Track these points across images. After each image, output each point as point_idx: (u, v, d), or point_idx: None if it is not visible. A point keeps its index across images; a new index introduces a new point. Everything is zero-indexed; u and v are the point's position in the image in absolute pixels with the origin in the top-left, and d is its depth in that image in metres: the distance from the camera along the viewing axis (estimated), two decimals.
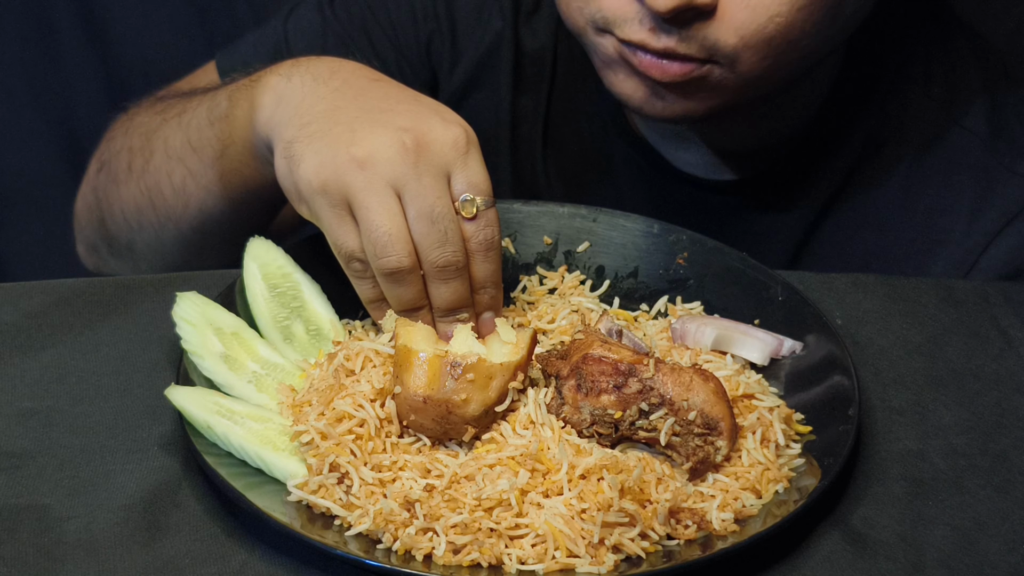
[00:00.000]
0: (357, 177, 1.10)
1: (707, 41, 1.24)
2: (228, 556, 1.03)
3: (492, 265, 1.15)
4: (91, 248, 1.56)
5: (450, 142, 1.12)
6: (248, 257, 1.21)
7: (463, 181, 1.12)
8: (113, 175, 1.45)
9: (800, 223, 1.46)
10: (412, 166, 1.11)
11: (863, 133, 1.44)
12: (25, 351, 1.21)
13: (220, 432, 1.07)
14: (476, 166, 1.13)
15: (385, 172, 1.10)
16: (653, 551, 1.03)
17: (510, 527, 1.02)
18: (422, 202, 1.11)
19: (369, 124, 1.13)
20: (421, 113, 1.14)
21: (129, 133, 1.46)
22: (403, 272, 1.12)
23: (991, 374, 1.23)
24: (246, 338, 1.17)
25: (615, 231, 1.31)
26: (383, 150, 1.11)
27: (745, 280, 1.27)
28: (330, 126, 1.13)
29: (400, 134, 1.11)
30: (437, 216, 1.11)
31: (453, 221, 1.12)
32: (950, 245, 1.42)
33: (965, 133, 1.42)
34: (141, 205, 1.41)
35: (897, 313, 1.30)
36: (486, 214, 1.13)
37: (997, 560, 1.05)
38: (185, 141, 1.35)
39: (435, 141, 1.12)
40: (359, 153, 1.11)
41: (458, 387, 1.06)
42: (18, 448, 1.11)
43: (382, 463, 1.06)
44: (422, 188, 1.11)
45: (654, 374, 1.08)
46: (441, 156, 1.12)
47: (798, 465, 1.10)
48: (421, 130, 1.12)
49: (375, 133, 1.12)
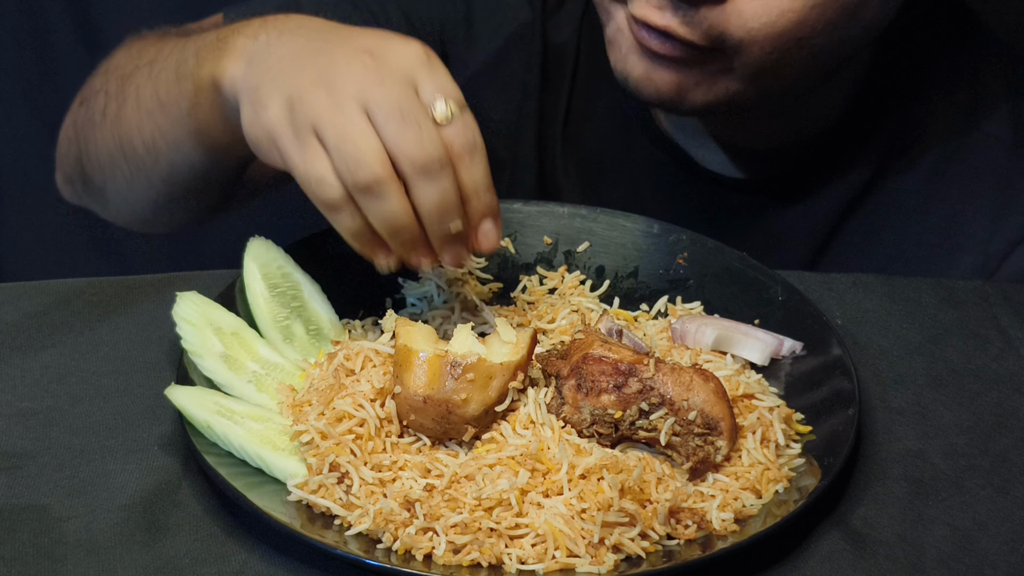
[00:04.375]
0: (321, 100, 1.07)
1: (713, 31, 1.23)
2: (228, 556, 1.03)
3: (480, 168, 1.09)
4: (68, 180, 1.53)
5: (412, 54, 1.09)
6: (248, 257, 1.21)
7: (431, 87, 1.08)
8: (90, 116, 1.42)
9: (821, 224, 1.46)
10: (374, 78, 1.07)
11: (887, 136, 1.44)
12: (25, 351, 1.21)
13: (220, 432, 1.07)
14: (443, 75, 1.09)
15: (348, 90, 1.07)
16: (653, 551, 1.03)
17: (510, 527, 1.02)
18: (389, 103, 1.06)
19: (327, 53, 1.10)
20: (380, 35, 1.12)
21: (108, 74, 1.42)
22: (381, 183, 1.06)
23: (991, 374, 1.23)
24: (246, 338, 1.17)
25: (615, 231, 1.31)
26: (344, 71, 1.08)
27: (745, 280, 1.27)
28: (291, 64, 1.11)
29: (359, 54, 1.09)
30: (407, 113, 1.06)
31: (426, 117, 1.07)
32: (971, 251, 1.42)
33: (988, 139, 1.42)
34: (113, 152, 1.38)
35: (897, 313, 1.30)
36: (463, 117, 1.08)
37: (997, 560, 1.05)
38: (154, 94, 1.30)
39: (396, 53, 1.09)
40: (320, 79, 1.08)
41: (458, 387, 1.06)
42: (18, 448, 1.11)
43: (382, 463, 1.06)
44: (387, 92, 1.07)
45: (654, 374, 1.08)
46: (404, 66, 1.08)
47: (798, 465, 1.10)
48: (380, 47, 1.09)
49: (335, 58, 1.09)
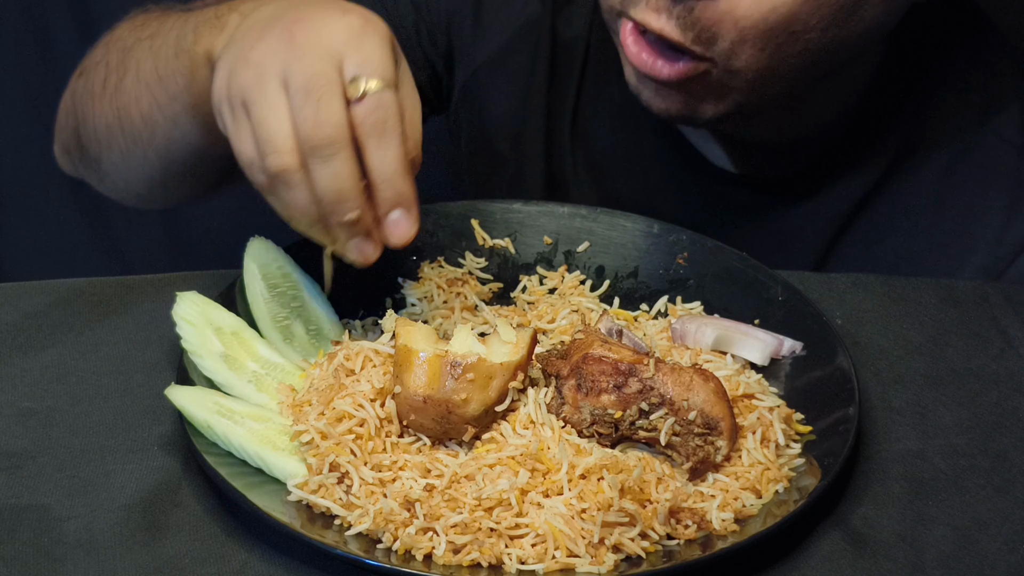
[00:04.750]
0: (248, 76, 1.06)
1: (706, 31, 1.23)
2: (228, 556, 1.03)
3: (391, 152, 1.05)
4: (65, 151, 1.51)
5: (342, 27, 1.05)
6: (248, 257, 1.21)
7: (353, 63, 1.04)
8: (89, 87, 1.41)
9: (831, 223, 1.46)
10: (295, 53, 1.04)
11: (898, 136, 1.44)
12: (25, 351, 1.21)
13: (220, 432, 1.07)
14: (372, 48, 1.05)
15: (270, 65, 1.05)
16: (653, 551, 1.03)
17: (510, 527, 1.02)
18: (299, 77, 1.03)
19: (268, 28, 1.08)
20: (323, 7, 1.08)
21: (110, 46, 1.41)
22: (288, 172, 1.03)
23: (991, 374, 1.23)
24: (246, 338, 1.17)
25: (615, 231, 1.31)
26: (270, 46, 1.06)
27: (745, 280, 1.27)
28: (244, 36, 1.10)
29: (290, 26, 1.06)
30: (312, 88, 1.03)
31: (333, 95, 1.03)
32: (980, 252, 1.41)
33: (1000, 142, 1.42)
34: (111, 125, 1.37)
35: (897, 313, 1.30)
36: (379, 95, 1.04)
37: (997, 560, 1.05)
38: (153, 68, 1.29)
39: (325, 27, 1.05)
40: (251, 53, 1.07)
41: (458, 387, 1.06)
42: (18, 448, 1.11)
43: (382, 463, 1.06)
44: (301, 67, 1.04)
45: (654, 374, 1.08)
46: (330, 40, 1.05)
47: (798, 465, 1.10)
48: (313, 20, 1.06)
49: (270, 33, 1.07)
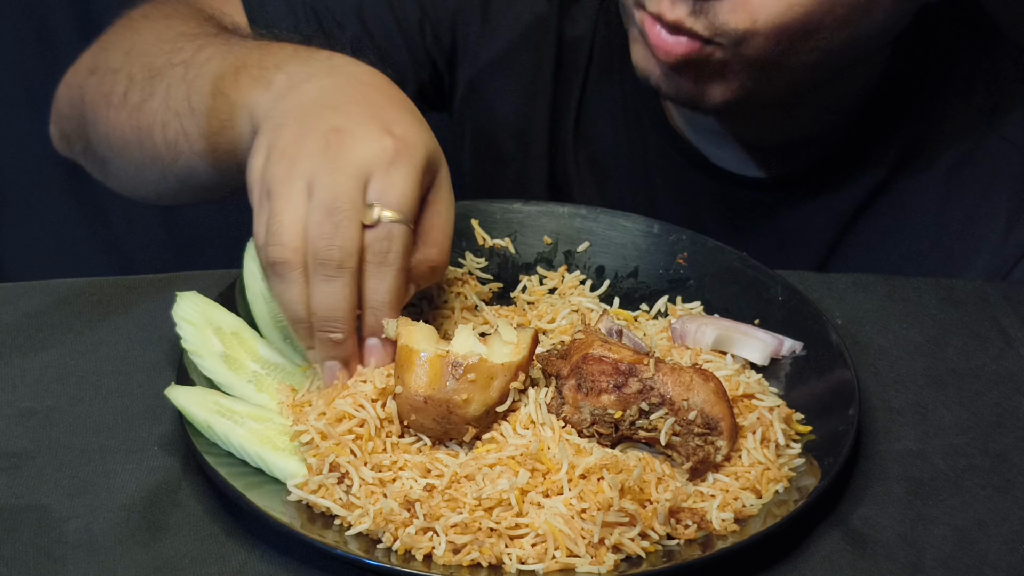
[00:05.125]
0: (280, 169, 1.09)
1: (717, 20, 1.24)
2: (228, 556, 1.03)
3: (385, 284, 1.09)
4: (64, 137, 1.50)
5: (378, 148, 1.08)
6: (248, 257, 1.21)
7: (376, 189, 1.08)
8: (105, 93, 1.39)
9: (834, 224, 1.46)
10: (329, 163, 1.08)
11: (902, 138, 1.44)
12: (25, 351, 1.21)
13: (220, 432, 1.07)
14: (398, 179, 1.08)
15: (303, 166, 1.08)
16: (653, 551, 1.03)
17: (510, 527, 1.02)
18: (325, 193, 1.07)
19: (310, 121, 1.11)
20: (366, 118, 1.11)
21: (131, 56, 1.38)
22: (285, 266, 1.07)
23: (991, 374, 1.23)
24: (246, 338, 1.17)
25: (615, 231, 1.31)
26: (308, 147, 1.09)
27: (745, 280, 1.27)
28: (284, 122, 1.12)
29: (329, 134, 1.09)
30: (333, 209, 1.06)
31: (351, 221, 1.07)
32: (984, 254, 1.42)
33: (1005, 143, 1.42)
34: (128, 139, 1.36)
35: (897, 313, 1.30)
36: (389, 227, 1.07)
37: (997, 560, 1.05)
38: (185, 98, 1.29)
39: (361, 145, 1.08)
40: (288, 148, 1.09)
41: (459, 387, 1.06)
42: (18, 448, 1.11)
43: (382, 463, 1.06)
44: (330, 182, 1.07)
45: (654, 374, 1.08)
46: (363, 160, 1.08)
47: (798, 465, 1.10)
48: (353, 132, 1.09)
49: (311, 130, 1.10)
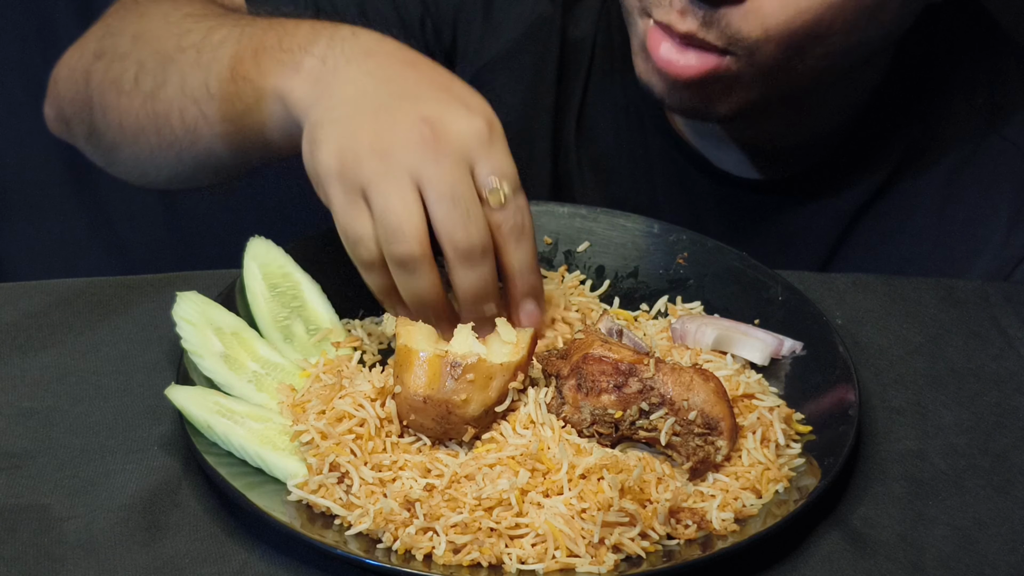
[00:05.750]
0: (375, 166, 1.08)
1: (730, 28, 1.23)
2: (228, 556, 1.03)
3: (526, 252, 1.12)
4: (63, 120, 1.47)
5: (473, 132, 1.09)
6: (248, 257, 1.21)
7: (487, 168, 1.09)
8: (114, 80, 1.36)
9: (835, 225, 1.46)
10: (431, 154, 1.08)
11: (904, 139, 1.43)
12: (25, 351, 1.21)
13: (220, 432, 1.07)
14: (501, 154, 1.10)
15: (403, 161, 1.08)
16: (653, 551, 1.03)
17: (510, 527, 1.02)
18: (442, 185, 1.08)
19: (390, 112, 1.10)
20: (446, 101, 1.11)
21: (139, 40, 1.36)
22: (416, 260, 1.08)
23: (991, 374, 1.23)
24: (246, 338, 1.17)
25: (615, 231, 1.31)
26: (402, 139, 1.08)
27: (745, 280, 1.26)
28: (353, 112, 1.11)
29: (420, 124, 1.09)
30: (458, 197, 1.08)
31: (476, 203, 1.09)
32: (986, 255, 1.41)
33: (1006, 144, 1.42)
34: (143, 125, 1.34)
35: (897, 313, 1.30)
36: (515, 200, 1.10)
37: (997, 560, 1.05)
38: (203, 84, 1.26)
39: (457, 131, 1.09)
40: (377, 142, 1.09)
41: (458, 387, 1.06)
42: (18, 448, 1.11)
43: (382, 463, 1.06)
44: (442, 172, 1.08)
45: (654, 374, 1.08)
46: (463, 145, 1.09)
47: (798, 465, 1.10)
48: (443, 120, 1.09)
49: (396, 121, 1.09)
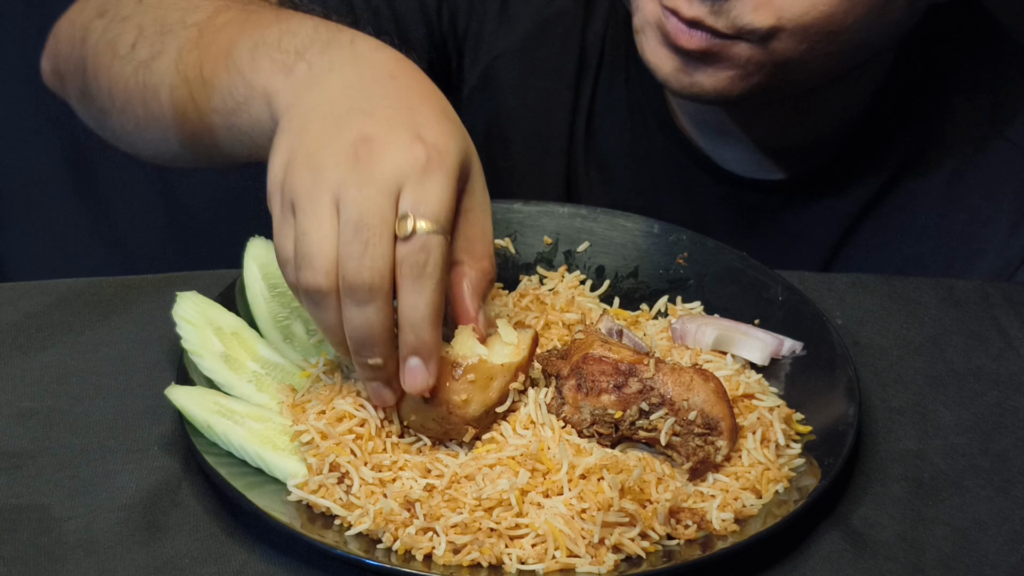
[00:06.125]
0: (305, 180, 1.02)
1: (740, 20, 1.23)
2: (228, 556, 1.03)
3: (423, 299, 1.01)
4: (58, 74, 1.42)
5: (408, 159, 1.01)
6: (248, 257, 1.21)
7: (409, 199, 1.00)
8: (111, 41, 1.28)
9: (838, 226, 1.46)
10: (356, 175, 1.01)
11: (906, 139, 1.44)
12: (25, 351, 1.21)
13: (220, 432, 1.07)
14: (433, 188, 1.01)
15: (330, 178, 1.01)
16: (653, 551, 1.03)
17: (510, 527, 1.02)
18: (352, 209, 1.00)
19: (338, 126, 1.04)
20: (396, 123, 1.03)
21: (144, 5, 1.29)
22: (318, 293, 1.01)
23: (991, 374, 1.23)
24: (246, 338, 1.17)
25: (615, 231, 1.31)
26: (334, 156, 1.01)
27: (745, 280, 1.26)
28: (308, 122, 1.06)
29: (357, 142, 1.02)
30: (363, 225, 0.99)
31: (381, 237, 0.99)
32: (989, 255, 1.41)
33: (1008, 145, 1.42)
34: (132, 94, 1.27)
35: (897, 313, 1.30)
36: (425, 239, 1.00)
37: (997, 560, 1.05)
38: (197, 66, 1.19)
39: (392, 154, 1.01)
40: (313, 156, 1.03)
41: (459, 388, 1.06)
42: (18, 448, 1.11)
43: (382, 463, 1.06)
44: (358, 195, 1.00)
45: (654, 374, 1.08)
46: (394, 170, 1.01)
47: (798, 465, 1.10)
48: (382, 141, 1.02)
49: (336, 136, 1.03)
